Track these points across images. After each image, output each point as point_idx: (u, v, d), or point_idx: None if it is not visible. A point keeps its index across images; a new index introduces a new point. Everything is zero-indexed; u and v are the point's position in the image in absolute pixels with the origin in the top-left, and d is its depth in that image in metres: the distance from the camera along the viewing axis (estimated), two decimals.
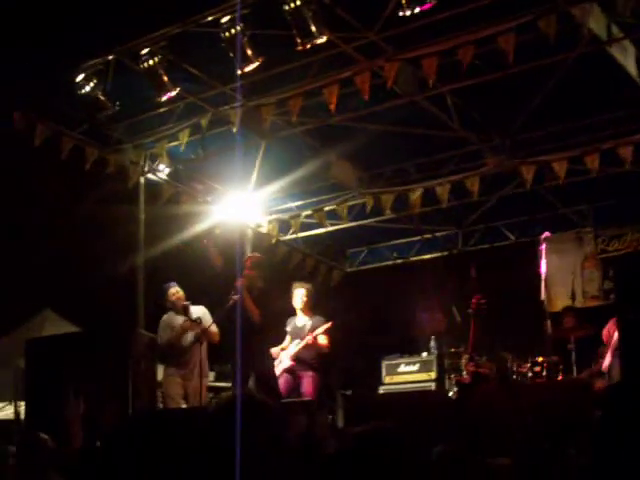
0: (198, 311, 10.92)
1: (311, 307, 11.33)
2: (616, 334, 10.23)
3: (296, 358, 11.01)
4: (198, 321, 10.64)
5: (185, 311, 10.77)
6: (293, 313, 11.41)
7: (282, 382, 10.88)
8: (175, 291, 10.96)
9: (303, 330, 11.10)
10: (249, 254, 11.68)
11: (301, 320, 11.25)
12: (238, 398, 3.24)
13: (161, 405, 10.63)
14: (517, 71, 10.08)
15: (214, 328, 10.76)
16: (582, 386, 10.19)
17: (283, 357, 11.06)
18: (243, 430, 3.19)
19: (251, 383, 10.10)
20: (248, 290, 10.42)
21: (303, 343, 10.97)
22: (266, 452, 3.29)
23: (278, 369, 10.98)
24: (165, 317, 10.97)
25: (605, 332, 11.06)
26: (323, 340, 11.07)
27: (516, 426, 7.84)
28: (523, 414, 8.45)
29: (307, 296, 11.28)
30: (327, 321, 11.19)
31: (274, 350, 10.99)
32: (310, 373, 10.98)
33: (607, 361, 10.94)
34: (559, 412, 8.09)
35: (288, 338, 11.26)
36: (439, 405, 10.36)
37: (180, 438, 5.86)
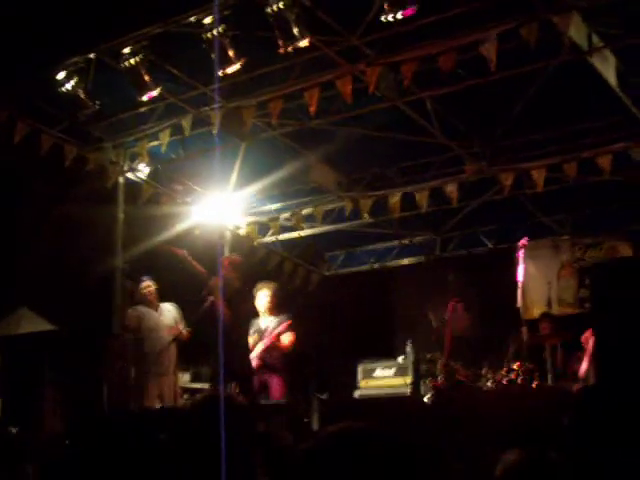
0: (168, 307, 10.90)
1: (275, 307, 11.20)
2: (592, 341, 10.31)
3: (261, 359, 10.88)
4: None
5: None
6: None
7: None
8: (146, 285, 10.93)
9: (267, 331, 10.98)
10: (226, 255, 11.60)
11: (265, 321, 11.11)
12: (209, 397, 3.25)
13: (135, 404, 10.59)
14: (498, 78, 10.12)
15: (185, 331, 10.73)
16: (556, 392, 10.25)
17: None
18: (218, 429, 3.19)
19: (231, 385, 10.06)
20: (222, 292, 10.40)
21: (266, 344, 10.84)
22: (240, 452, 3.30)
23: None
24: (131, 309, 10.96)
25: (584, 337, 11.12)
26: (286, 339, 10.91)
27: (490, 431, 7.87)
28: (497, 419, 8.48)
29: (271, 296, 11.15)
30: (291, 319, 11.06)
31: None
32: (276, 375, 10.85)
33: (584, 367, 11.00)
34: (532, 417, 8.13)
35: (252, 339, 11.08)
36: (415, 410, 10.39)
37: (155, 437, 5.85)
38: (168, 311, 10.90)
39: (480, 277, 14.11)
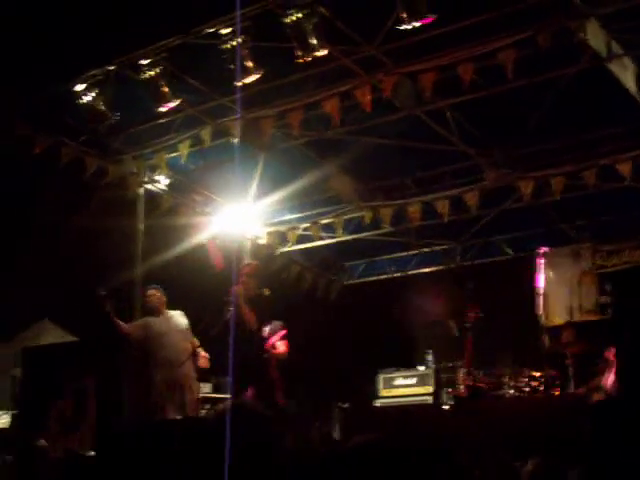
0: (178, 313, 10.83)
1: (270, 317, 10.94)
2: None
3: None
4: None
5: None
6: None
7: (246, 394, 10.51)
8: (151, 293, 10.83)
9: None
10: (245, 262, 11.42)
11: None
12: (232, 406, 3.25)
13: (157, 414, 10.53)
14: (517, 86, 10.12)
15: (203, 359, 10.62)
16: (578, 401, 10.21)
17: None
18: (237, 439, 3.19)
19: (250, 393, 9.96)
20: (244, 299, 10.31)
21: None
22: (260, 460, 3.30)
23: None
24: (141, 320, 10.87)
25: (609, 353, 11.04)
26: (281, 347, 10.70)
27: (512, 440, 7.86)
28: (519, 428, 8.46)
29: None
30: (284, 326, 10.86)
31: None
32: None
33: (611, 379, 10.92)
34: (553, 426, 8.11)
35: None
36: (436, 418, 10.38)
37: (177, 447, 5.87)
38: (179, 316, 10.82)
39: (500, 285, 14.07)
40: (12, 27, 9.51)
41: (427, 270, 16.54)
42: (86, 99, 10.66)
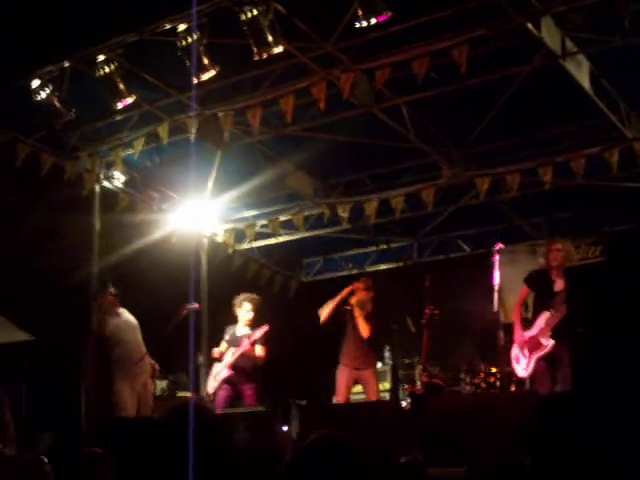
0: (126, 312, 10.81)
1: (256, 321, 11.27)
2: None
3: (234, 367, 10.94)
4: None
5: None
6: (234, 321, 11.34)
7: (222, 393, 10.89)
8: (105, 292, 10.87)
9: (242, 339, 11.01)
10: (362, 279, 11.90)
11: (242, 330, 11.17)
12: (179, 407, 3.24)
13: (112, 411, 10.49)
14: (473, 84, 10.18)
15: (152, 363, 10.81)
16: (533, 398, 10.26)
17: (220, 367, 11.01)
18: (190, 438, 3.19)
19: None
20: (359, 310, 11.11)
21: (240, 350, 10.89)
22: (214, 462, 3.28)
23: (216, 380, 10.96)
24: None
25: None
26: (260, 351, 11.00)
27: (469, 436, 7.89)
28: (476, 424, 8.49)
29: (254, 312, 11.24)
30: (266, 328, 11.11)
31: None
32: (250, 385, 10.95)
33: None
34: (512, 422, 8.14)
35: (224, 346, 11.16)
36: (392, 416, 10.39)
37: (134, 446, 5.85)
38: (128, 313, 10.81)
39: (458, 281, 14.13)
40: None
41: (385, 267, 16.59)
42: (42, 95, 10.58)
